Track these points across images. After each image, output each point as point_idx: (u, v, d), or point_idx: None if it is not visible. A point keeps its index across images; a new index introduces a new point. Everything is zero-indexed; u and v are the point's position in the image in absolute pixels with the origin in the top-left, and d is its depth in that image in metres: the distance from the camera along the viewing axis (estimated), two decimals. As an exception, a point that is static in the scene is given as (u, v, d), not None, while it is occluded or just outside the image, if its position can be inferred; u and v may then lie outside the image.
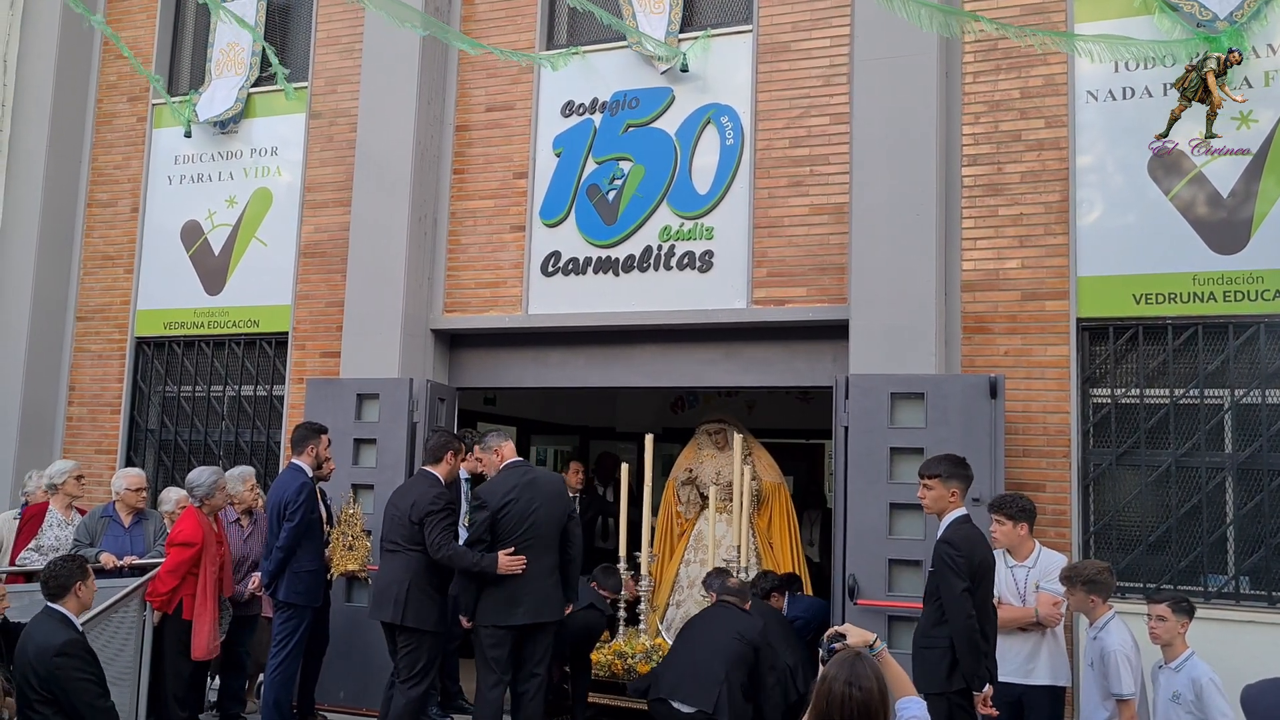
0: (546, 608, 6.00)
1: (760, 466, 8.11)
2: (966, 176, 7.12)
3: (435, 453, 6.42)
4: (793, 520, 8.09)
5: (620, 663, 7.16)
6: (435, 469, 6.36)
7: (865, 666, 2.94)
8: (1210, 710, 4.79)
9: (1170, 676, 4.98)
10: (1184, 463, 6.55)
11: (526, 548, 5.94)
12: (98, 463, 9.44)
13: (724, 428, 8.31)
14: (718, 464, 8.15)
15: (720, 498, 7.77)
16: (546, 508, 6.03)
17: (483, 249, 8.45)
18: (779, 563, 7.76)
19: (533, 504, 5.98)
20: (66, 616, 5.07)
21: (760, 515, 7.99)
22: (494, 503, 5.97)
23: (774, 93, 7.72)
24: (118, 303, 9.69)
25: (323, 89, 9.11)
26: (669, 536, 8.31)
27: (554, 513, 6.06)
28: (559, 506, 6.11)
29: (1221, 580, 6.41)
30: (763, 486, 8.04)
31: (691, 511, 8.25)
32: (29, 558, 7.08)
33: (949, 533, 5.09)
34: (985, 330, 6.97)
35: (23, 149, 9.77)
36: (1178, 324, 6.61)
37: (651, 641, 7.37)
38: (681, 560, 8.07)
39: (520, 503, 5.96)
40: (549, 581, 6.02)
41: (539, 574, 5.97)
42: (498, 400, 11.32)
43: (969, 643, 4.90)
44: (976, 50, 7.20)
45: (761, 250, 7.61)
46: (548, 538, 6.02)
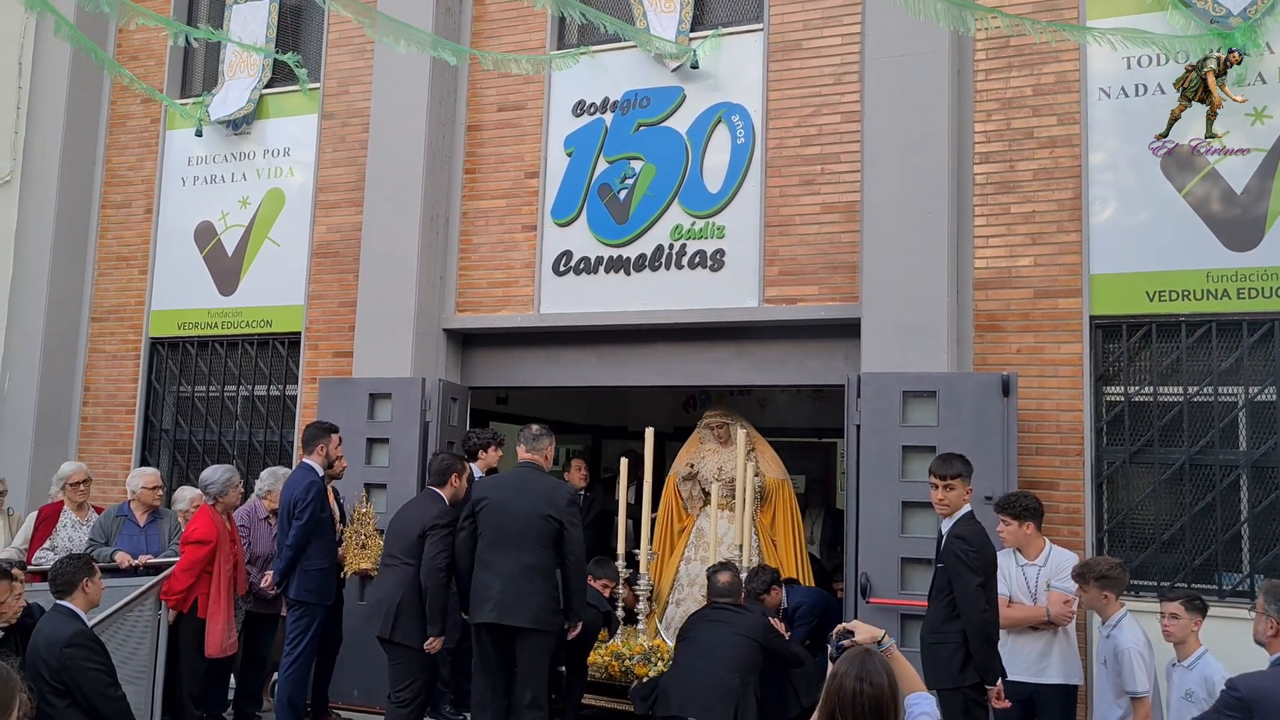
0: (516, 608, 5.73)
1: (764, 462, 7.88)
2: (978, 174, 7.10)
3: (440, 475, 6.43)
4: (797, 518, 7.87)
5: (618, 664, 6.93)
6: (441, 490, 6.37)
7: (875, 662, 2.94)
8: None
9: (1183, 675, 4.96)
10: (1198, 461, 6.52)
11: (495, 543, 5.84)
12: (113, 462, 9.51)
13: (727, 422, 8.04)
14: (720, 459, 7.89)
15: (722, 494, 7.60)
16: (524, 506, 5.84)
17: (494, 248, 8.47)
18: (782, 561, 7.58)
19: (509, 502, 5.87)
20: (74, 611, 5.14)
21: (764, 512, 7.76)
22: (474, 495, 6.03)
23: (785, 91, 7.71)
24: (132, 303, 9.74)
25: (335, 90, 9.14)
26: (669, 533, 8.10)
27: (530, 511, 5.82)
28: (539, 506, 5.84)
29: (1236, 578, 6.38)
30: (766, 483, 7.79)
31: (694, 508, 8.02)
32: (44, 557, 7.13)
33: (960, 528, 5.09)
34: (997, 328, 6.95)
35: (38, 151, 9.83)
36: (1191, 321, 6.59)
37: (650, 642, 7.15)
38: (682, 558, 7.84)
39: (493, 502, 5.89)
40: (521, 581, 5.76)
41: (508, 571, 5.77)
42: (510, 399, 11.33)
43: (984, 637, 4.90)
44: (988, 48, 7.19)
45: (773, 249, 7.61)
46: (521, 535, 5.80)
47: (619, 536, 7.54)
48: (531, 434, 6.19)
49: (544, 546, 5.83)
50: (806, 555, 7.84)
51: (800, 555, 7.70)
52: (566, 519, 5.86)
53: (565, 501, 5.91)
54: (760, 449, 7.96)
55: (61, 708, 4.90)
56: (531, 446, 6.15)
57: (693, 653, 5.93)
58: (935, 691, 5.15)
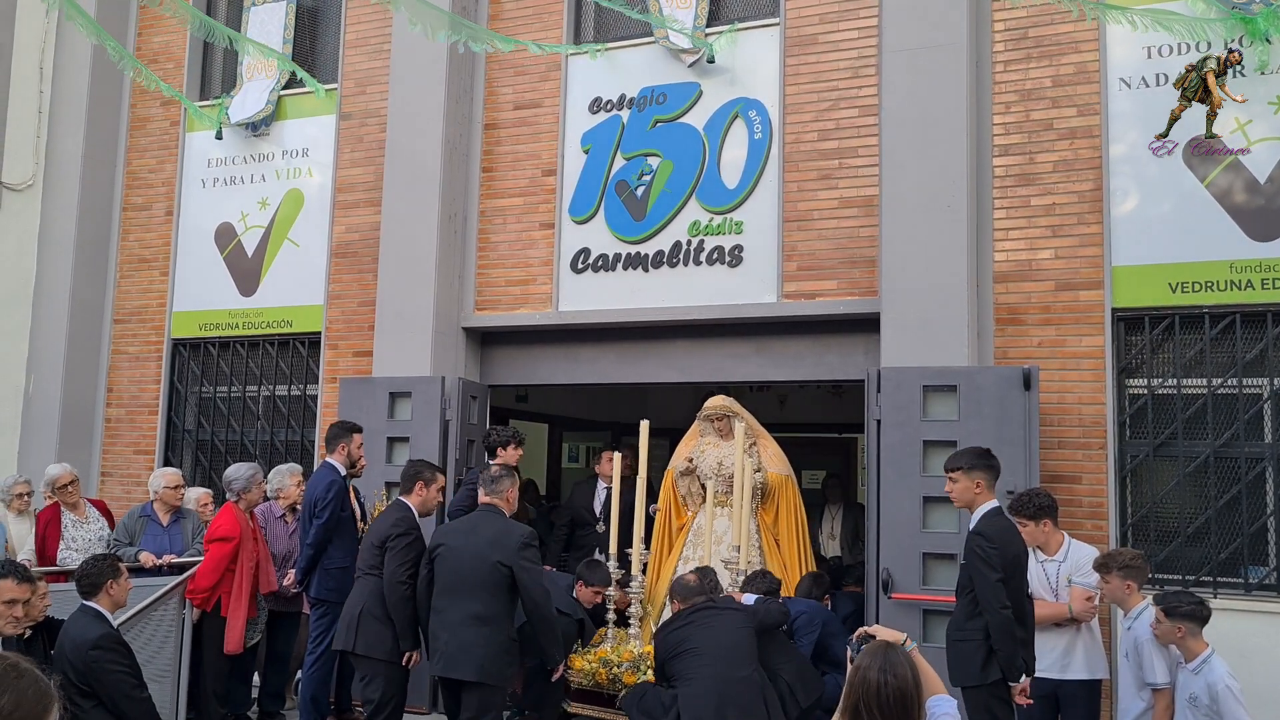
0: (462, 661, 5.44)
1: (766, 457, 7.37)
2: (998, 167, 7.05)
3: (407, 482, 6.20)
4: (801, 516, 7.39)
5: (605, 671, 6.32)
6: (408, 499, 6.14)
7: (898, 655, 2.92)
8: (1226, 718, 4.66)
9: (1189, 678, 4.85)
10: (1222, 453, 6.46)
11: (445, 590, 5.57)
12: (136, 463, 9.58)
13: (727, 414, 7.46)
14: (720, 454, 7.35)
15: (721, 490, 7.18)
16: (475, 552, 5.52)
17: (512, 247, 8.48)
18: (786, 562, 7.15)
19: (462, 548, 5.57)
20: (100, 613, 5.18)
21: (766, 510, 7.29)
22: (432, 541, 5.80)
23: (802, 85, 7.68)
24: (154, 305, 9.81)
25: (352, 90, 9.17)
26: (667, 531, 7.65)
27: (481, 557, 5.49)
28: (490, 552, 5.49)
29: (1262, 572, 6.31)
30: (768, 479, 7.26)
31: (692, 504, 7.57)
32: (67, 556, 7.21)
33: (981, 525, 5.06)
34: (1018, 321, 6.91)
35: (59, 155, 9.91)
36: (1215, 313, 6.52)
37: (641, 648, 6.44)
38: (680, 557, 7.34)
39: (448, 547, 5.63)
40: (466, 632, 5.46)
41: (454, 621, 5.49)
42: (529, 397, 11.36)
43: (1005, 633, 4.86)
44: (1006, 39, 7.14)
45: (791, 244, 7.58)
46: (470, 583, 5.49)
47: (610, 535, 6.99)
48: (490, 476, 5.89)
49: (494, 594, 5.50)
50: (812, 555, 7.45)
51: (805, 555, 7.31)
52: (518, 564, 5.49)
53: (517, 546, 5.52)
54: (763, 443, 7.50)
55: (88, 708, 4.95)
56: (490, 489, 5.80)
57: (703, 660, 5.48)
58: (960, 690, 5.15)
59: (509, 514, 5.80)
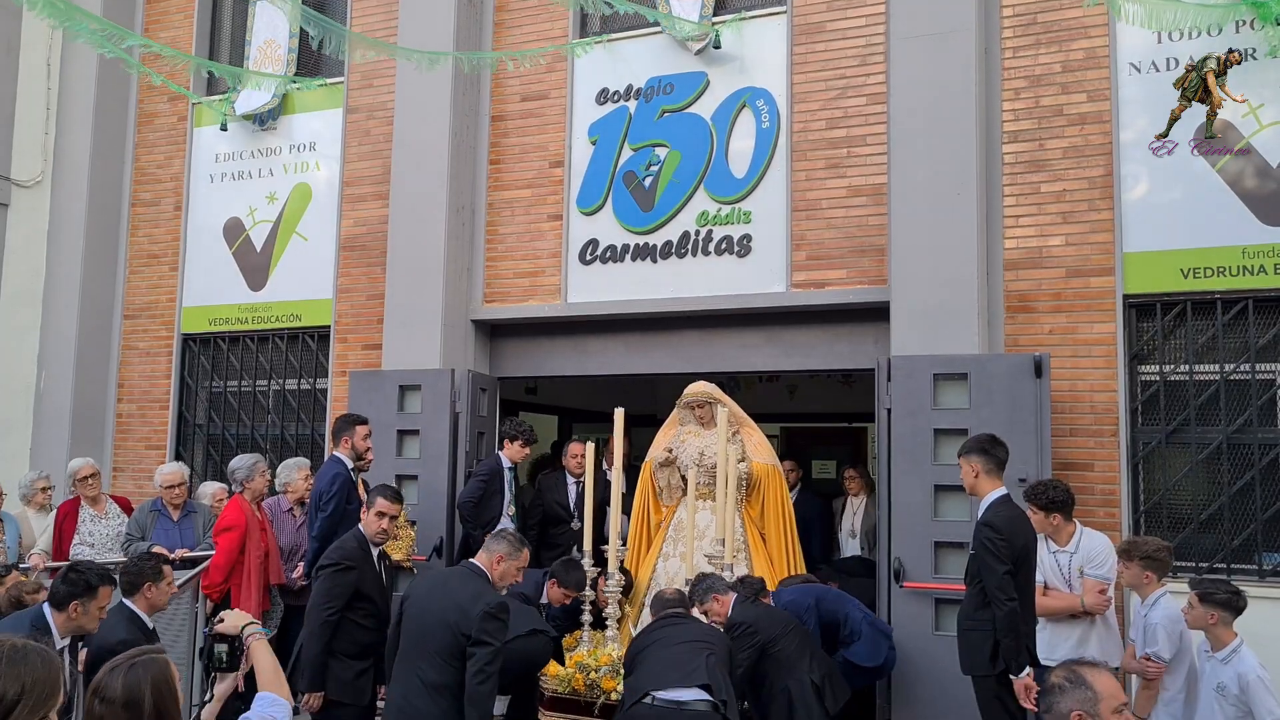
0: None
1: (750, 446, 6.96)
2: (1007, 153, 7.02)
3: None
4: (788, 508, 6.96)
5: (582, 676, 5.81)
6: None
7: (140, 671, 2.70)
8: (1257, 708, 4.61)
9: (1217, 667, 4.81)
10: (1235, 440, 6.42)
11: (403, 654, 5.01)
12: (148, 458, 9.60)
13: (708, 401, 7.02)
14: (702, 443, 6.94)
15: (703, 482, 6.74)
16: (437, 613, 4.93)
17: (521, 239, 8.47)
18: (772, 556, 6.78)
19: (427, 606, 5.00)
20: (133, 614, 5.15)
21: (751, 503, 6.86)
22: (406, 591, 5.38)
23: (809, 74, 7.65)
24: (163, 300, 9.83)
25: (359, 83, 9.16)
26: (645, 527, 7.20)
27: (441, 620, 4.88)
28: (451, 615, 4.86)
29: (1276, 558, 6.28)
30: (753, 469, 6.82)
31: (671, 498, 7.12)
32: (80, 551, 7.24)
33: (989, 514, 5.04)
34: (1029, 309, 6.87)
35: (67, 151, 9.94)
36: (1227, 298, 6.48)
37: (619, 651, 5.90)
38: (659, 554, 6.94)
39: (413, 601, 5.08)
40: (417, 701, 4.85)
41: (406, 689, 4.92)
42: (539, 389, 11.35)
43: (1011, 628, 4.86)
44: (1015, 25, 7.09)
45: (800, 233, 7.56)
46: (427, 647, 4.89)
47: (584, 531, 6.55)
48: (493, 535, 5.35)
49: (451, 662, 4.85)
50: (799, 549, 7.00)
51: (792, 549, 6.91)
52: (477, 633, 4.78)
53: (480, 614, 4.79)
54: (747, 431, 7.10)
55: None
56: (486, 548, 5.20)
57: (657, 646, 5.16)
58: (970, 678, 5.14)
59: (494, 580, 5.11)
